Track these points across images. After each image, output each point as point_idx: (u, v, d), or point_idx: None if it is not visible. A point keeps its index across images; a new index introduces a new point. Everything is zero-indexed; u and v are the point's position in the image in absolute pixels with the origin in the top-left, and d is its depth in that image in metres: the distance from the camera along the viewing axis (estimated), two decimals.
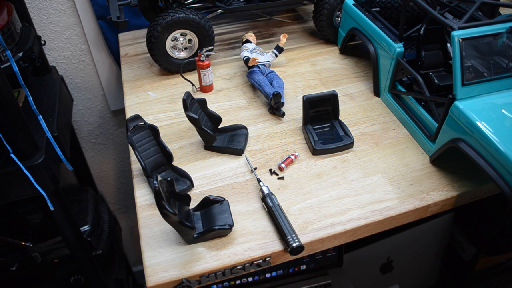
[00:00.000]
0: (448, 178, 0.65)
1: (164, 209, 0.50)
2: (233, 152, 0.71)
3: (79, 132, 1.24)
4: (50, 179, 0.73)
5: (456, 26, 0.59)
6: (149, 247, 0.57)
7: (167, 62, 0.88)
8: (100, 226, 1.11)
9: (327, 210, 0.61)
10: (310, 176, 0.66)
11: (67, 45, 1.08)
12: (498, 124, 0.55)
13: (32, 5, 0.99)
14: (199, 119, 0.67)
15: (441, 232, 1.23)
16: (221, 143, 0.71)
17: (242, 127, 0.74)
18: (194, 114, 0.67)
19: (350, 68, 0.92)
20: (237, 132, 0.74)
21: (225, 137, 0.73)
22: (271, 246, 0.56)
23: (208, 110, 0.72)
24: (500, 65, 0.61)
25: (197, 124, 0.68)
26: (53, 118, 0.83)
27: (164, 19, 0.82)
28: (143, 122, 0.66)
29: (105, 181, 1.40)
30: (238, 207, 0.62)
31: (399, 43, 0.74)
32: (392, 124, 0.76)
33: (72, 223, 0.83)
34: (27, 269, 1.02)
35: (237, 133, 0.73)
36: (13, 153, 0.67)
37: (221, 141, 0.72)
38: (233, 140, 0.72)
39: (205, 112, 0.72)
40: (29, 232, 1.01)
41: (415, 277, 1.33)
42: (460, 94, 0.59)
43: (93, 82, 1.17)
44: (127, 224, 1.54)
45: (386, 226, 0.61)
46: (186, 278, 0.54)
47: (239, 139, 0.72)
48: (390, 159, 0.69)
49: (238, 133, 0.73)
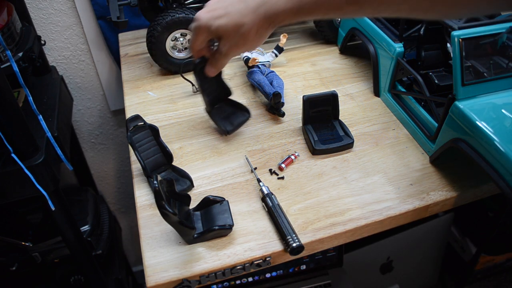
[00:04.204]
0: (448, 178, 0.65)
1: (164, 209, 0.50)
2: (220, 129, 0.72)
3: (79, 132, 1.24)
4: (50, 179, 0.73)
5: (456, 26, 0.59)
6: (149, 247, 0.57)
7: (167, 62, 0.88)
8: (100, 226, 1.11)
9: (327, 210, 0.61)
10: (310, 176, 0.66)
11: (67, 45, 1.08)
12: (498, 124, 0.55)
13: (32, 5, 0.99)
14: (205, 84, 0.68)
15: (441, 232, 1.23)
16: (217, 116, 0.72)
17: (246, 110, 0.73)
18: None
19: (350, 68, 0.92)
20: (238, 113, 0.73)
21: (225, 111, 0.73)
22: (271, 246, 0.56)
23: (223, 80, 0.71)
24: (500, 65, 0.61)
25: (202, 86, 0.69)
26: (53, 118, 0.83)
27: (164, 19, 0.82)
28: (143, 122, 0.66)
29: (105, 181, 1.40)
30: (238, 207, 0.62)
31: (399, 43, 0.74)
32: (392, 124, 0.76)
33: (72, 223, 0.83)
34: (27, 269, 1.02)
35: (238, 114, 0.73)
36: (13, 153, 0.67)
37: (219, 113, 0.72)
38: (228, 118, 0.72)
39: (218, 81, 0.71)
40: (29, 232, 1.01)
41: (415, 277, 1.33)
42: (460, 94, 0.59)
43: (93, 82, 1.17)
44: (127, 224, 1.54)
45: (386, 226, 0.61)
46: (186, 278, 0.54)
47: (234, 120, 0.72)
48: (390, 159, 0.69)
49: (239, 114, 0.73)
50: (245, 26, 0.56)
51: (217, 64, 0.65)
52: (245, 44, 0.59)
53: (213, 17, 0.58)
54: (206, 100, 0.71)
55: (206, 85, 0.70)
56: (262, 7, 0.55)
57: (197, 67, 0.67)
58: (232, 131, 0.71)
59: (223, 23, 0.57)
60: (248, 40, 0.58)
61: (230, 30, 0.57)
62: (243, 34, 0.57)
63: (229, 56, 0.62)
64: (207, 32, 0.60)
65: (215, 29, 0.59)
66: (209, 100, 0.71)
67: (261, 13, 0.55)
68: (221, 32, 0.58)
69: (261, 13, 0.55)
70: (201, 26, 0.60)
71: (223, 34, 0.59)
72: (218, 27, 0.58)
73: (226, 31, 0.58)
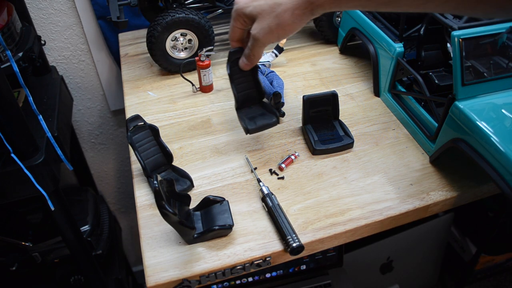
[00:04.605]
0: (448, 178, 0.65)
1: (164, 209, 0.50)
2: (242, 126, 0.68)
3: (79, 132, 1.24)
4: (50, 179, 0.73)
5: (456, 26, 0.59)
6: (149, 247, 0.57)
7: (167, 62, 0.88)
8: (100, 226, 1.11)
9: (327, 210, 0.61)
10: (310, 176, 0.66)
11: (67, 45, 1.08)
12: (498, 124, 0.55)
13: (32, 5, 0.99)
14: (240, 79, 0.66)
15: (441, 232, 1.23)
16: (244, 114, 0.69)
17: (275, 115, 0.69)
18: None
19: (350, 68, 0.92)
20: (266, 116, 0.69)
21: (254, 112, 0.69)
22: (271, 246, 0.56)
23: (259, 80, 0.68)
24: (500, 65, 0.61)
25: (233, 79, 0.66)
26: (53, 118, 0.83)
27: (164, 19, 0.82)
28: (143, 122, 0.66)
29: (105, 181, 1.40)
30: (238, 207, 0.62)
31: (399, 43, 0.74)
32: (392, 124, 0.76)
33: (72, 223, 0.83)
34: (27, 269, 1.02)
35: (266, 116, 0.68)
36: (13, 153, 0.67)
37: (247, 113, 0.69)
38: (254, 118, 0.68)
39: (254, 79, 0.68)
40: (29, 232, 1.02)
41: (415, 277, 1.33)
42: (460, 94, 0.59)
43: (93, 82, 1.17)
44: (127, 224, 1.54)
45: (386, 226, 0.61)
46: (186, 278, 0.54)
47: (259, 121, 0.68)
48: (390, 159, 0.69)
49: (266, 117, 0.68)
50: (282, 6, 0.53)
51: (250, 53, 0.61)
52: (278, 27, 0.55)
53: (251, 0, 0.56)
54: (236, 95, 0.67)
55: (238, 79, 0.66)
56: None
57: (232, 57, 0.64)
58: (253, 131, 0.67)
59: (260, 3, 0.55)
60: (282, 22, 0.54)
61: (266, 9, 0.55)
62: (278, 15, 0.54)
63: (259, 43, 0.58)
64: (243, 15, 0.57)
65: (250, 10, 0.56)
66: (239, 96, 0.68)
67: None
68: (256, 12, 0.56)
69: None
70: (237, 9, 0.57)
71: (257, 14, 0.56)
72: (254, 7, 0.55)
73: (261, 11, 0.55)
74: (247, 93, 0.68)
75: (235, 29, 0.60)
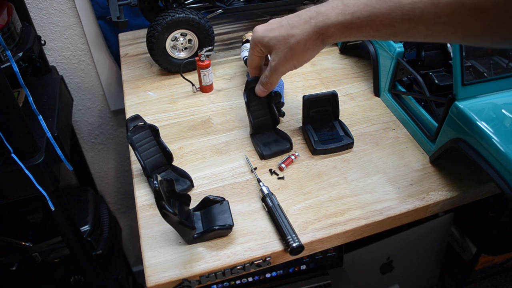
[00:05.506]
0: (448, 178, 0.65)
1: (164, 209, 0.50)
2: (257, 152, 0.71)
3: (79, 132, 1.24)
4: (50, 179, 0.73)
5: None
6: (149, 247, 0.57)
7: (167, 62, 0.88)
8: (100, 226, 1.11)
9: (327, 210, 0.61)
10: (310, 176, 0.66)
11: (67, 45, 1.08)
12: (498, 124, 0.55)
13: (32, 5, 0.99)
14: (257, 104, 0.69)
15: (441, 232, 1.23)
16: (258, 140, 0.71)
17: (289, 141, 0.70)
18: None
19: (350, 68, 0.92)
20: (281, 142, 0.71)
21: (269, 138, 0.72)
22: (271, 246, 0.56)
23: (273, 108, 0.70)
24: (500, 65, 0.61)
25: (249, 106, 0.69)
26: (53, 118, 0.83)
27: (164, 19, 0.82)
28: (143, 122, 0.66)
29: (105, 181, 1.40)
30: (238, 207, 0.62)
31: (399, 43, 0.74)
32: (392, 124, 0.76)
33: (72, 223, 0.83)
34: (27, 269, 1.02)
35: (280, 143, 0.70)
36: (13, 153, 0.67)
37: (262, 139, 0.71)
38: (269, 144, 0.70)
39: (269, 106, 0.70)
40: (29, 232, 1.02)
41: (415, 277, 1.33)
42: (460, 94, 0.59)
43: (93, 82, 1.17)
44: (127, 224, 1.54)
45: (386, 226, 0.61)
46: (186, 278, 0.54)
47: (273, 147, 0.70)
48: (390, 159, 0.69)
49: (280, 143, 0.70)
50: (294, 37, 0.56)
51: (266, 81, 0.64)
52: (292, 57, 0.58)
53: (267, 30, 0.59)
54: (252, 122, 0.70)
55: (254, 107, 0.70)
56: (313, 19, 0.55)
57: (249, 86, 0.68)
58: (268, 156, 0.69)
59: (275, 34, 0.58)
60: (296, 53, 0.57)
61: (280, 41, 0.58)
62: (291, 46, 0.57)
63: (277, 72, 0.61)
64: (260, 44, 0.60)
65: (267, 41, 0.59)
66: (255, 123, 0.71)
67: (311, 25, 0.55)
68: (272, 44, 0.59)
69: (311, 25, 0.55)
70: (255, 38, 0.61)
71: (273, 46, 0.59)
72: (270, 39, 0.59)
73: (277, 42, 0.58)
74: (262, 120, 0.71)
75: (253, 57, 0.64)
